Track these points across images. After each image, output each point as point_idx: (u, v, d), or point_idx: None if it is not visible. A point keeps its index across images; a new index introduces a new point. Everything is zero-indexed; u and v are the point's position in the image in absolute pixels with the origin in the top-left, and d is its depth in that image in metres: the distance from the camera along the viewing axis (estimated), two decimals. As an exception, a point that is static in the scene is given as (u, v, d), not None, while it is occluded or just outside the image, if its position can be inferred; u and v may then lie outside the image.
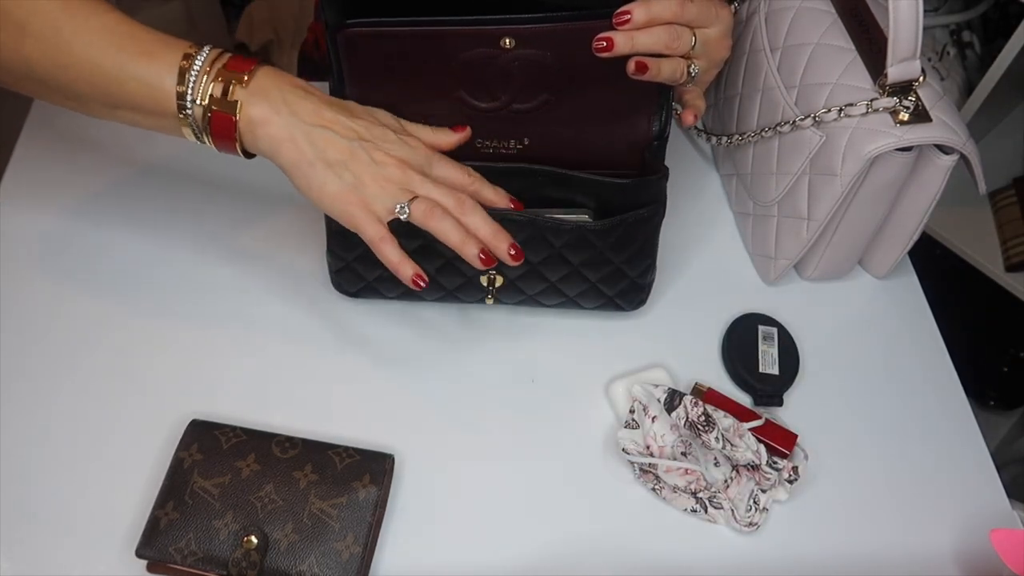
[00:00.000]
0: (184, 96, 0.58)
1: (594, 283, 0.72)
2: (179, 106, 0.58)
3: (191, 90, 0.58)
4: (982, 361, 1.39)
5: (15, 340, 0.73)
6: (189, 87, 0.57)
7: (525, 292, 0.74)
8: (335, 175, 0.59)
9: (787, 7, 0.78)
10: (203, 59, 0.58)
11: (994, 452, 0.75)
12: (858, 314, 0.83)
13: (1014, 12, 1.10)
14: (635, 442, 0.69)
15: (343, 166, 0.59)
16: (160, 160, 0.85)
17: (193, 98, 0.58)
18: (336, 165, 0.59)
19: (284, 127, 0.58)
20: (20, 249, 0.78)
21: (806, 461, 0.70)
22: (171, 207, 0.83)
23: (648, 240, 0.71)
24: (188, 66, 0.57)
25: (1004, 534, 0.63)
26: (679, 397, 0.69)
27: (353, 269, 0.72)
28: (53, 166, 0.84)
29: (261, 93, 0.58)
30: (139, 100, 0.58)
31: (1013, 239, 1.15)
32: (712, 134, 0.87)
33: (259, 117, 0.58)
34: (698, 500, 0.68)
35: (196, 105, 0.58)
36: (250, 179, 0.85)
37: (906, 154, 0.70)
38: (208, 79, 0.58)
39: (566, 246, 0.69)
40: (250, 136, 0.59)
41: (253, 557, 0.61)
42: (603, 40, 0.61)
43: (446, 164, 0.64)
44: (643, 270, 0.73)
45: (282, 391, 0.72)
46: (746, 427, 0.68)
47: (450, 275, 0.72)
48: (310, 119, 0.59)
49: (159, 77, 0.57)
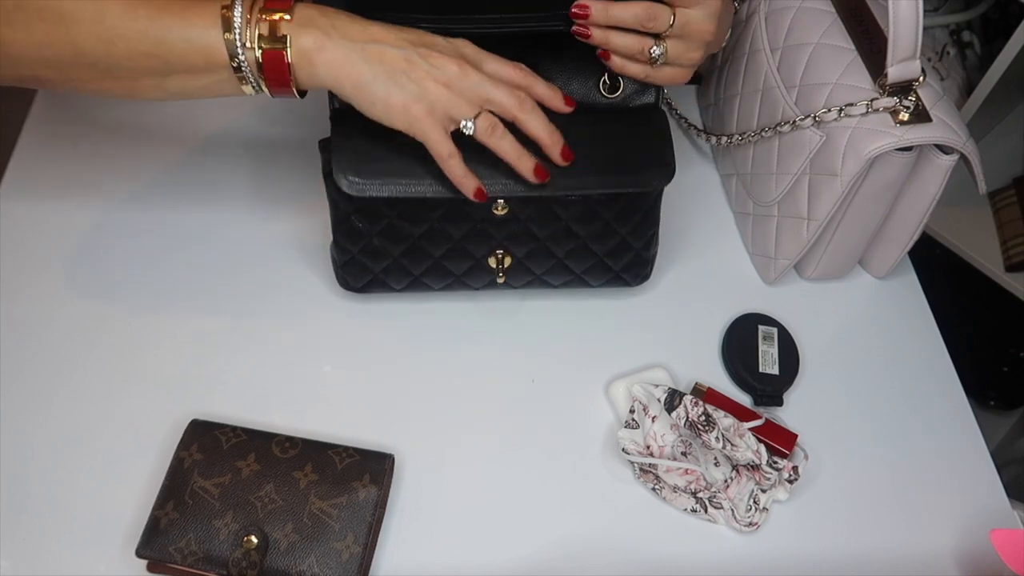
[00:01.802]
0: (234, 44, 0.58)
1: (601, 257, 0.73)
2: (230, 55, 0.58)
3: (239, 36, 0.58)
4: (982, 361, 1.39)
5: (15, 340, 0.73)
6: (236, 34, 0.58)
7: (534, 272, 0.74)
8: (398, 86, 0.59)
9: (787, 7, 0.78)
10: (242, 6, 0.58)
11: (994, 452, 0.75)
12: (858, 314, 0.83)
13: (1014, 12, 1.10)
14: (635, 442, 0.69)
15: (404, 75, 0.59)
16: (160, 160, 0.85)
17: (243, 42, 0.58)
18: (397, 74, 0.59)
19: (338, 50, 0.59)
20: (20, 248, 0.79)
21: (806, 461, 0.70)
22: (172, 206, 0.83)
23: (651, 210, 0.72)
24: (230, 15, 0.58)
25: (1004, 534, 0.63)
26: (679, 397, 0.69)
27: (359, 262, 0.72)
28: (53, 165, 0.84)
29: (308, 23, 0.59)
30: (190, 60, 0.59)
31: (1013, 239, 1.14)
32: (712, 134, 0.87)
33: (312, 45, 0.59)
34: (698, 500, 0.68)
35: (247, 50, 0.58)
36: (251, 179, 0.85)
37: (906, 154, 0.70)
38: (252, 22, 0.58)
39: (573, 219, 0.70)
40: (306, 67, 0.59)
41: (253, 557, 0.61)
42: (580, 8, 0.63)
43: (496, 60, 0.63)
44: (647, 241, 0.74)
45: (282, 391, 0.72)
46: (746, 427, 0.68)
47: (458, 259, 0.72)
48: (361, 37, 0.59)
49: (205, 31, 0.58)
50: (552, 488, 0.69)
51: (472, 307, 0.79)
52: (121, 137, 0.86)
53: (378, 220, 0.69)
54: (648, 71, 0.67)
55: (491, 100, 0.61)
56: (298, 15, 0.59)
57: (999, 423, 1.39)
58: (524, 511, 0.68)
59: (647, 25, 0.63)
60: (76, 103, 0.89)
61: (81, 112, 0.88)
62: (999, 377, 1.39)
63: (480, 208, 0.67)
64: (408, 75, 0.59)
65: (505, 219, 0.69)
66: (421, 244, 0.70)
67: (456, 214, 0.68)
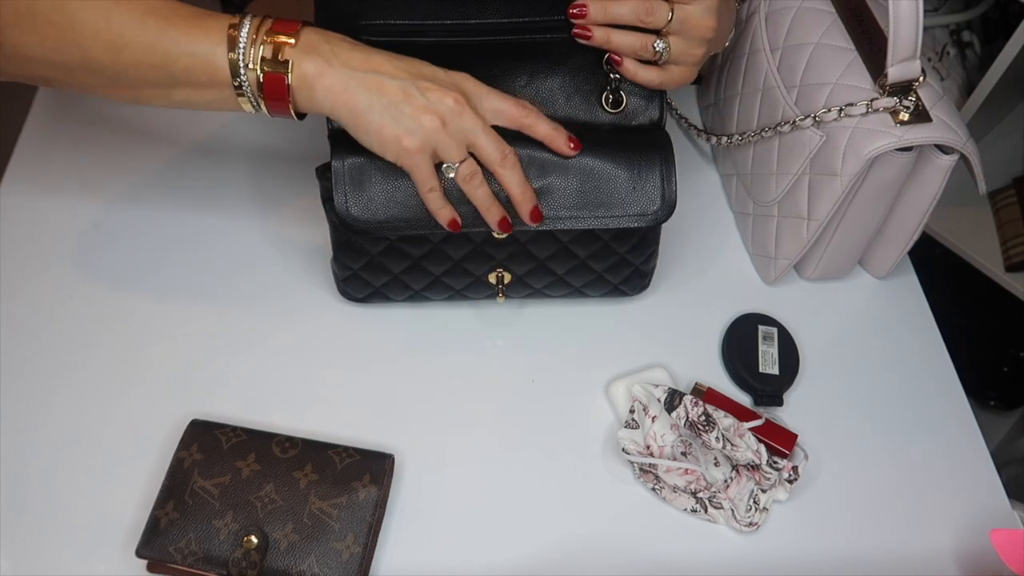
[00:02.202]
0: (236, 63, 0.59)
1: (600, 273, 0.73)
2: (232, 73, 0.59)
3: (242, 56, 0.59)
4: (982, 361, 1.39)
5: (15, 339, 0.73)
6: (240, 54, 0.58)
7: (533, 287, 0.75)
8: (392, 118, 0.60)
9: (787, 7, 0.78)
10: (249, 26, 0.59)
11: (994, 452, 0.75)
12: (858, 314, 0.83)
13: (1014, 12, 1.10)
14: (635, 442, 0.69)
15: (400, 107, 0.60)
16: (161, 160, 0.85)
17: (245, 63, 0.59)
18: (393, 106, 0.60)
19: (338, 77, 0.59)
20: (20, 248, 0.79)
21: (806, 461, 0.70)
22: (172, 206, 0.82)
23: (651, 230, 0.72)
24: (236, 35, 0.58)
25: (1004, 534, 0.63)
26: (679, 397, 0.69)
27: (360, 277, 0.73)
28: (53, 165, 0.84)
29: (311, 49, 0.59)
30: (194, 74, 0.59)
31: (1013, 239, 1.14)
32: (712, 134, 0.87)
33: (313, 71, 0.59)
34: (698, 500, 0.68)
35: (249, 70, 0.59)
36: (252, 179, 0.85)
37: (906, 154, 0.70)
38: (257, 43, 0.59)
39: (572, 241, 0.70)
40: (306, 92, 0.60)
41: (253, 557, 0.61)
42: (577, 7, 0.64)
43: (497, 96, 0.63)
44: (647, 257, 0.74)
45: (282, 391, 0.72)
46: (746, 427, 0.68)
47: (458, 276, 0.72)
48: (362, 66, 0.60)
49: (211, 48, 0.58)
50: (552, 488, 0.69)
51: (473, 307, 0.79)
52: (122, 137, 0.86)
53: (379, 242, 0.69)
54: (661, 77, 0.66)
55: (477, 146, 0.62)
56: (302, 41, 0.59)
57: (999, 423, 1.39)
58: (524, 511, 0.68)
59: (645, 20, 0.64)
60: (76, 103, 0.89)
61: (81, 112, 0.88)
62: (999, 377, 1.39)
63: (479, 231, 0.68)
64: (404, 108, 0.60)
65: (505, 241, 0.69)
66: (422, 263, 0.71)
67: (457, 237, 0.69)
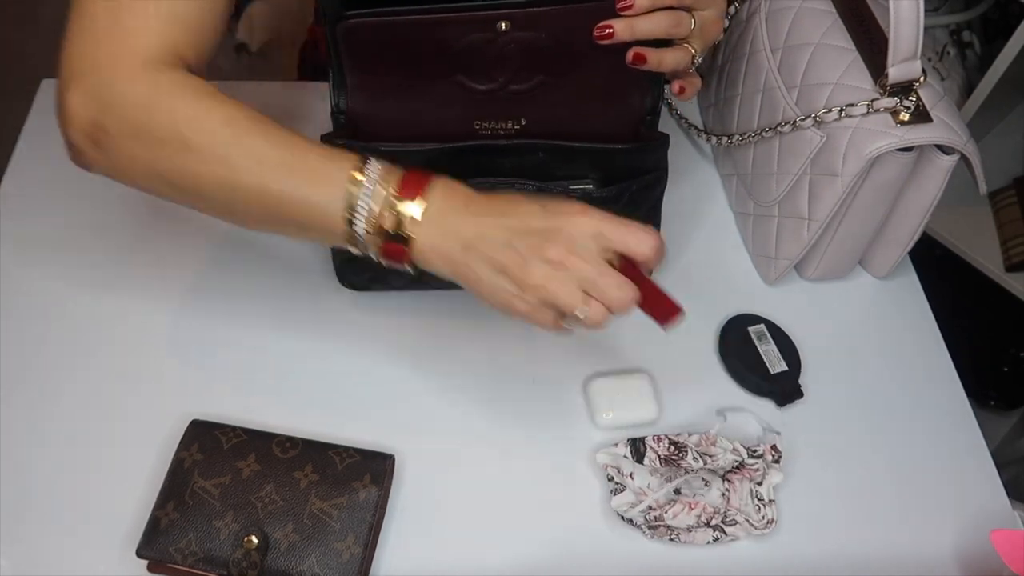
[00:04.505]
0: (353, 223, 0.56)
1: None
2: (349, 239, 0.57)
3: (361, 220, 0.56)
4: (982, 361, 1.39)
5: (15, 340, 0.73)
6: (359, 217, 0.56)
7: None
8: (501, 286, 0.57)
9: (788, 7, 0.78)
10: (371, 187, 0.56)
11: (994, 452, 0.75)
12: (858, 314, 0.83)
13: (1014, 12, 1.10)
14: (630, 503, 0.67)
15: (507, 273, 0.56)
16: (160, 160, 0.85)
17: (366, 228, 0.56)
18: (501, 274, 0.57)
19: (452, 251, 0.57)
20: (20, 249, 0.78)
21: (779, 436, 0.70)
22: (173, 206, 0.82)
23: (652, 208, 0.72)
24: (357, 192, 0.55)
25: (1004, 534, 0.63)
26: (641, 443, 0.69)
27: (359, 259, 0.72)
28: (53, 166, 0.84)
29: (433, 225, 0.56)
30: (306, 221, 0.57)
31: (1013, 239, 1.14)
32: (712, 134, 0.87)
33: (429, 247, 0.57)
34: (714, 528, 0.67)
35: (368, 235, 0.57)
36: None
37: (907, 154, 0.70)
38: (378, 211, 0.56)
39: None
40: (421, 259, 0.58)
41: (253, 557, 0.61)
42: (604, 27, 0.62)
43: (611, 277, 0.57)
44: None
45: (282, 391, 0.72)
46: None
47: None
48: (471, 231, 0.57)
49: (327, 203, 0.56)
50: (553, 488, 0.69)
51: (473, 307, 0.78)
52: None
53: None
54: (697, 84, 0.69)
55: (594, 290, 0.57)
56: (427, 215, 0.56)
57: (999, 423, 1.39)
58: (525, 511, 0.68)
59: (672, 32, 0.63)
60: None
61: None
62: (999, 377, 1.39)
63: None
64: (511, 273, 0.56)
65: None
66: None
67: None
